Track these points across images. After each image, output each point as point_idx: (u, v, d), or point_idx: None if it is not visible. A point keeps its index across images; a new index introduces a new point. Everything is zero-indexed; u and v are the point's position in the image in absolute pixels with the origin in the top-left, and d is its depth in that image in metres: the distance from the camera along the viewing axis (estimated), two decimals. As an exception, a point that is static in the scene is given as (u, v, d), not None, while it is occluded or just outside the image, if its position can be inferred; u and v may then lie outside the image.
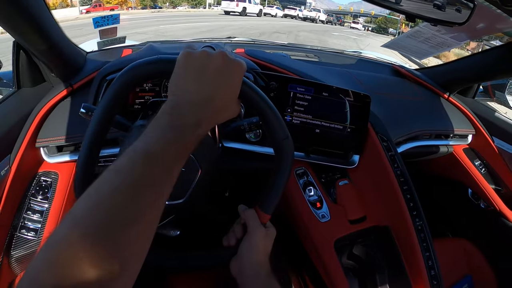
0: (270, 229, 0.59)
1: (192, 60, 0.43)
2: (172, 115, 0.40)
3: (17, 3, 0.62)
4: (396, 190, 0.77)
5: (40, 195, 0.80)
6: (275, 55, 1.02)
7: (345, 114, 0.80)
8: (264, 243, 0.57)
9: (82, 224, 0.30)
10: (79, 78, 0.86)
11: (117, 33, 1.03)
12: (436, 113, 1.07)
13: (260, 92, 0.50)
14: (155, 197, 0.35)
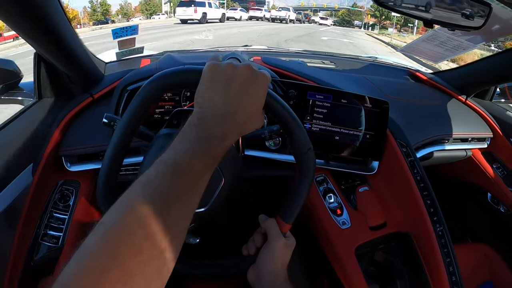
0: (290, 239, 0.61)
1: (218, 72, 0.44)
2: (199, 127, 0.41)
3: (40, 17, 0.64)
4: (416, 196, 0.77)
5: (61, 203, 0.83)
6: (292, 63, 1.03)
7: (364, 120, 0.81)
8: (283, 253, 0.58)
9: (114, 234, 0.31)
10: (99, 88, 0.89)
11: (135, 44, 1.05)
12: (453, 117, 1.07)
13: (284, 104, 0.52)
14: (184, 208, 0.37)
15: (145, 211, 0.33)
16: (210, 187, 0.59)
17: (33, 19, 0.64)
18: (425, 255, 0.75)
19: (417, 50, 1.15)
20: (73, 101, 0.87)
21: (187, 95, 0.86)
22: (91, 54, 0.89)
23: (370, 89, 1.03)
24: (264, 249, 0.59)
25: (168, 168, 0.37)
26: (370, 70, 1.30)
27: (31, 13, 0.62)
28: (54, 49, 0.75)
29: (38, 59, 0.84)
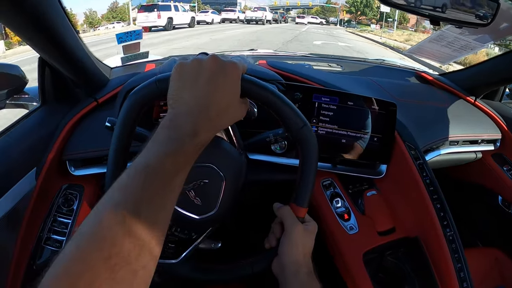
0: (310, 224, 0.59)
1: (184, 70, 0.45)
2: (170, 128, 0.41)
3: (43, 22, 0.65)
4: (425, 200, 0.76)
5: (65, 207, 0.83)
6: (297, 66, 1.03)
7: (371, 123, 0.80)
8: (303, 240, 0.56)
9: (87, 240, 0.33)
10: (104, 92, 0.89)
11: (140, 48, 1.06)
12: (462, 118, 1.06)
13: (264, 85, 0.50)
14: (157, 209, 0.37)
15: (116, 216, 0.34)
16: (214, 189, 0.60)
17: (37, 24, 0.64)
18: (435, 260, 0.74)
19: (424, 51, 1.14)
20: (77, 105, 0.87)
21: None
22: (95, 59, 0.90)
23: (377, 91, 1.02)
24: (283, 238, 0.57)
25: (139, 171, 0.37)
26: (377, 72, 1.29)
27: (35, 18, 0.62)
28: (58, 54, 0.76)
29: (42, 63, 0.84)
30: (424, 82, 1.23)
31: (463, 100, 1.14)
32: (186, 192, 0.58)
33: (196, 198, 0.59)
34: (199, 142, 0.42)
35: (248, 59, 1.07)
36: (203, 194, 0.59)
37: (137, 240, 0.34)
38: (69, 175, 0.85)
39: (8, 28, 0.64)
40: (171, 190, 0.39)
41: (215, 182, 0.59)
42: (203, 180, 0.59)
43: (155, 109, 0.84)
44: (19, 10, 0.59)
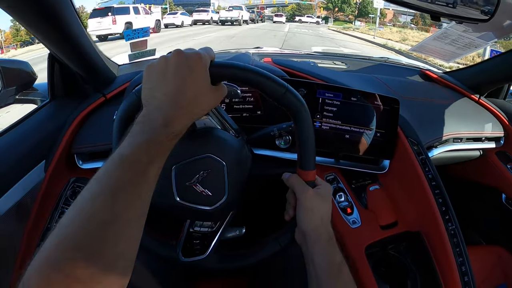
0: (322, 187, 0.58)
1: (152, 70, 0.48)
2: (142, 123, 0.44)
3: (55, 18, 0.68)
4: (427, 194, 0.78)
5: (73, 199, 0.85)
6: (302, 63, 1.05)
7: (374, 119, 0.82)
8: (316, 204, 0.56)
9: (68, 229, 0.35)
10: (112, 88, 0.92)
11: (147, 46, 1.09)
12: (466, 116, 1.08)
13: (231, 64, 0.51)
14: (131, 198, 0.39)
15: (92, 204, 0.36)
16: (217, 176, 0.61)
17: (49, 20, 0.67)
18: (437, 254, 0.76)
19: (428, 49, 1.15)
20: (86, 100, 0.90)
21: None
22: (104, 56, 0.93)
23: (381, 88, 1.04)
24: (297, 206, 0.57)
25: (113, 163, 0.40)
26: (382, 70, 1.30)
27: (47, 14, 0.65)
28: (68, 49, 0.78)
29: (52, 60, 0.87)
30: (428, 80, 1.24)
31: (467, 98, 1.15)
32: (192, 187, 0.60)
33: (204, 191, 0.61)
34: (172, 132, 0.44)
35: (254, 57, 1.09)
36: (210, 185, 0.61)
37: (111, 225, 0.36)
38: (77, 168, 0.87)
39: (21, 24, 0.66)
40: (145, 179, 0.41)
41: (217, 170, 0.61)
42: (205, 171, 0.61)
43: None
44: (37, 9, 0.62)
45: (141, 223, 0.40)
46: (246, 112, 0.89)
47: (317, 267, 0.53)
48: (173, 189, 0.60)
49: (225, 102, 0.88)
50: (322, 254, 0.54)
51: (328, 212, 0.58)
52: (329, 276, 0.52)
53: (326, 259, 0.53)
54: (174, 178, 0.60)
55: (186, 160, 0.60)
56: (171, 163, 0.59)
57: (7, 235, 0.76)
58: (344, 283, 0.53)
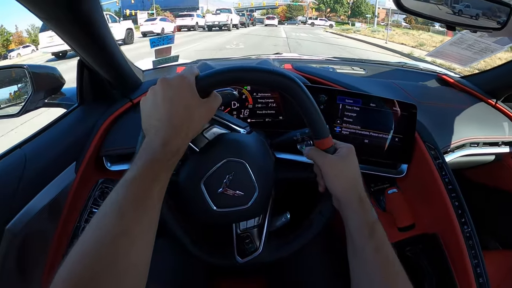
0: (341, 150, 0.60)
1: (145, 102, 0.54)
2: (145, 148, 0.49)
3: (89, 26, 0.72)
4: (444, 198, 0.80)
5: (101, 200, 0.90)
6: (322, 70, 1.08)
7: (392, 124, 0.84)
8: (339, 168, 0.58)
9: (86, 244, 0.40)
10: (138, 93, 0.96)
11: (171, 52, 1.13)
12: (483, 120, 1.09)
13: (213, 72, 0.54)
14: (137, 214, 0.43)
15: (106, 219, 0.42)
16: (243, 176, 0.64)
17: (84, 28, 0.71)
18: (453, 256, 0.78)
19: (445, 54, 1.17)
20: (113, 105, 0.94)
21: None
22: (130, 62, 0.97)
23: (399, 94, 1.06)
24: (323, 176, 0.59)
25: (121, 183, 0.45)
26: (399, 75, 1.33)
27: (83, 22, 0.69)
28: (101, 57, 0.83)
29: (81, 66, 0.92)
30: (445, 84, 1.25)
31: (483, 102, 1.17)
32: (224, 193, 0.63)
33: (235, 192, 0.64)
34: (171, 150, 0.49)
35: (275, 63, 1.12)
36: (239, 185, 0.64)
37: (122, 237, 0.41)
38: (106, 170, 0.92)
39: (61, 35, 0.71)
40: (150, 196, 0.45)
41: (240, 169, 0.64)
42: (229, 174, 0.64)
43: None
44: (74, 18, 0.66)
45: (150, 236, 0.45)
46: (268, 118, 0.92)
47: (351, 229, 0.55)
48: (208, 202, 0.63)
49: (248, 108, 0.92)
50: (354, 216, 0.56)
51: (353, 172, 0.59)
52: (362, 236, 0.54)
53: (358, 221, 0.55)
54: (206, 191, 0.63)
55: (209, 171, 0.63)
56: (198, 179, 0.63)
57: (40, 232, 0.79)
58: (378, 243, 0.53)
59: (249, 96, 0.92)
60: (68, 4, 0.62)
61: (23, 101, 0.97)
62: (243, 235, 0.70)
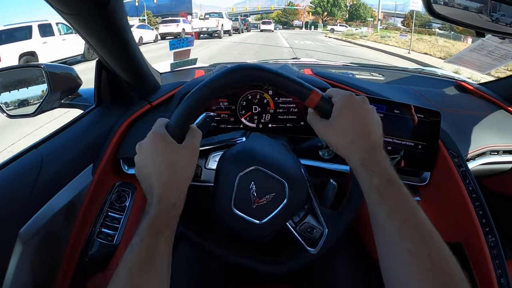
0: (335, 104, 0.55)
1: (136, 167, 0.56)
2: (146, 211, 0.51)
3: (120, 33, 0.72)
4: (468, 206, 0.80)
5: (117, 203, 0.89)
6: (343, 75, 1.08)
7: (416, 131, 0.84)
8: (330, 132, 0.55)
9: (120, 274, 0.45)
10: (157, 96, 0.96)
11: (189, 55, 1.13)
12: (503, 127, 1.09)
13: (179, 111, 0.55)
14: (145, 273, 0.46)
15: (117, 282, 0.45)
16: (262, 182, 0.64)
17: (108, 28, 0.71)
18: (477, 266, 0.78)
19: (465, 60, 1.17)
20: (132, 107, 0.94)
21: (243, 104, 0.92)
22: (149, 64, 0.97)
23: (420, 100, 1.06)
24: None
25: (129, 248, 0.48)
26: (418, 81, 1.33)
27: (107, 22, 0.69)
28: (122, 57, 0.83)
29: (100, 67, 0.91)
30: (464, 91, 1.25)
31: (503, 109, 1.16)
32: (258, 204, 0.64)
33: (267, 197, 0.65)
34: (167, 204, 0.51)
35: (294, 68, 1.12)
36: (265, 189, 0.65)
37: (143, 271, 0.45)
38: (123, 173, 0.91)
39: (83, 34, 0.70)
40: (160, 240, 0.49)
41: (256, 176, 0.65)
42: (250, 186, 0.65)
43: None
44: (100, 16, 0.66)
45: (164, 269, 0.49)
46: (289, 123, 0.92)
47: (364, 194, 0.52)
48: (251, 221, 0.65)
49: (270, 112, 0.91)
50: (359, 179, 0.52)
51: (349, 127, 0.53)
52: (371, 202, 0.50)
53: (364, 184, 0.51)
54: (242, 214, 0.65)
55: (232, 195, 0.64)
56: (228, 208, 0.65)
57: (55, 235, 0.79)
58: (391, 207, 0.47)
59: (270, 101, 0.92)
60: None
61: (39, 101, 0.97)
62: (302, 227, 0.70)
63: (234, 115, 0.92)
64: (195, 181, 0.68)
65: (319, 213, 0.69)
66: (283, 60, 1.39)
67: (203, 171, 0.69)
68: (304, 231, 0.70)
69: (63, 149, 0.84)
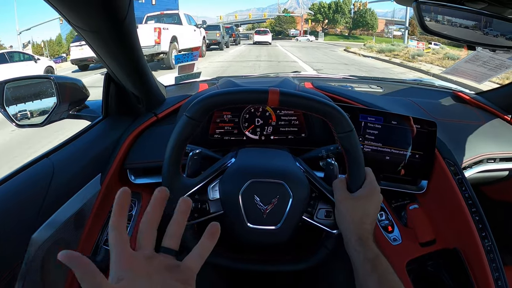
0: (363, 188, 0.66)
1: None
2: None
3: (128, 45, 0.76)
4: (465, 213, 0.84)
5: None
6: (342, 89, 1.13)
7: (413, 141, 0.88)
8: (347, 208, 0.64)
9: None
10: (163, 108, 1.01)
11: (194, 69, 1.18)
12: (499, 136, 1.13)
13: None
14: None
15: None
16: (266, 193, 0.68)
17: (122, 41, 0.75)
18: (474, 270, 0.81)
19: (461, 71, 1.22)
20: (138, 119, 0.98)
21: (246, 117, 0.97)
22: (155, 78, 1.02)
23: (417, 111, 1.11)
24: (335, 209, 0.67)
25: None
26: (415, 92, 1.38)
27: (121, 38, 0.73)
28: (132, 71, 0.87)
29: (108, 80, 0.96)
30: (461, 101, 1.30)
31: (499, 118, 1.21)
32: (269, 212, 0.68)
33: (273, 202, 0.68)
34: None
35: (294, 81, 1.17)
36: (268, 196, 0.68)
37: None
38: (129, 183, 0.95)
39: (97, 48, 0.75)
40: None
41: (255, 187, 0.68)
42: (253, 199, 0.68)
43: (211, 126, 0.94)
44: (116, 33, 0.70)
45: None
46: (291, 135, 0.96)
47: (355, 264, 0.60)
48: (268, 230, 0.68)
49: (272, 125, 0.96)
50: (354, 253, 0.61)
51: (362, 212, 0.64)
52: (365, 271, 0.58)
53: (359, 257, 0.60)
54: (257, 226, 0.68)
55: (241, 213, 0.68)
56: (244, 224, 0.68)
57: (65, 241, 0.82)
58: (380, 275, 0.57)
59: (272, 114, 0.97)
60: (113, 17, 0.65)
61: (48, 111, 1.01)
62: (318, 214, 0.72)
63: (238, 127, 0.96)
64: (207, 216, 0.71)
65: (329, 195, 0.72)
66: (284, 74, 1.44)
67: (210, 204, 0.71)
68: (321, 218, 0.72)
69: (73, 158, 0.88)
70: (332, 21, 49.69)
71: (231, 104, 0.63)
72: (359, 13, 48.53)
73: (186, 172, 0.74)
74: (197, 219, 0.70)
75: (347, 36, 45.07)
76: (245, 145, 0.91)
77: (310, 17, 50.83)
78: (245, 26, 52.65)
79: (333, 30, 50.02)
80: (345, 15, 49.93)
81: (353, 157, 0.64)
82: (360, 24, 48.26)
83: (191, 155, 0.74)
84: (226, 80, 1.11)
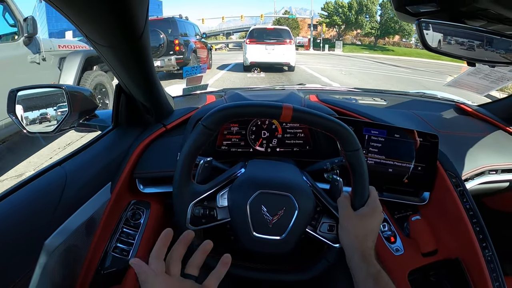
0: (366, 206, 0.70)
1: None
2: None
3: (146, 60, 0.80)
4: (466, 224, 0.87)
5: (133, 220, 0.96)
6: (347, 102, 1.17)
7: (415, 153, 0.93)
8: (350, 224, 0.68)
9: None
10: (171, 119, 1.05)
11: (201, 81, 1.23)
12: (501, 147, 1.17)
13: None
14: None
15: None
16: (272, 203, 0.72)
17: (136, 56, 0.79)
18: (475, 280, 0.85)
19: (463, 83, 1.26)
20: (148, 129, 1.03)
21: (253, 129, 1.01)
22: (164, 89, 1.06)
23: (420, 124, 1.15)
24: (339, 225, 0.71)
25: None
26: (418, 105, 1.42)
27: (137, 49, 0.76)
28: (144, 84, 0.91)
29: (119, 91, 1.00)
30: (463, 113, 1.35)
31: (501, 129, 1.25)
32: (275, 222, 0.72)
33: (278, 214, 0.72)
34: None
35: (300, 93, 1.21)
36: (274, 207, 0.72)
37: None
38: (138, 192, 0.99)
39: (112, 62, 0.79)
40: None
41: (261, 199, 0.72)
42: (260, 209, 0.72)
43: (219, 138, 0.98)
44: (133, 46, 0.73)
45: None
46: (296, 147, 1.01)
47: (356, 279, 0.64)
48: (273, 239, 0.72)
49: (277, 137, 1.00)
50: (357, 268, 0.64)
51: (366, 230, 0.68)
52: (366, 287, 0.61)
53: (361, 273, 0.63)
54: (262, 235, 0.72)
55: (249, 222, 0.71)
56: (250, 234, 0.72)
57: (76, 248, 0.85)
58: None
59: (278, 126, 1.01)
60: (131, 34, 0.68)
61: (59, 120, 1.05)
62: (321, 228, 0.75)
63: (244, 139, 1.01)
64: (214, 222, 0.74)
65: (333, 210, 0.75)
66: (290, 87, 1.48)
67: (218, 211, 0.75)
68: (324, 231, 0.75)
69: (84, 167, 0.91)
70: (354, 24, 35.61)
71: (245, 117, 0.67)
72: (386, 15, 34.34)
73: (196, 179, 0.79)
74: (204, 225, 0.74)
75: (372, 47, 33.60)
76: (251, 156, 0.95)
77: (324, 19, 36.04)
78: (238, 34, 42.91)
79: (348, 37, 36.95)
80: (373, 18, 35.42)
81: (358, 174, 0.69)
82: (392, 31, 34.05)
83: (202, 163, 0.78)
84: (234, 93, 1.16)
